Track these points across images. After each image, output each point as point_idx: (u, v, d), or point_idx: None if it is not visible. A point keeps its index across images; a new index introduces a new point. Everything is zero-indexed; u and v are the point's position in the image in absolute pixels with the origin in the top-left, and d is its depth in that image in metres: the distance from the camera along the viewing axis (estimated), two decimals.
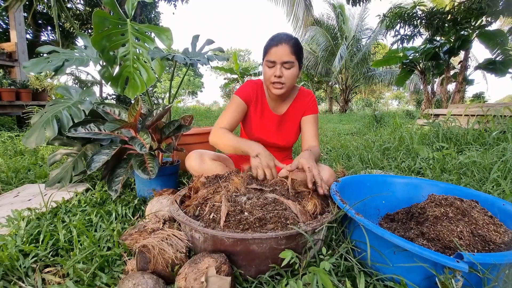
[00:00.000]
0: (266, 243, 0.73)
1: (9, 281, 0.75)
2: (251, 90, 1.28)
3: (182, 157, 1.65)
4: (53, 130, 1.29)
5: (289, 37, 1.13)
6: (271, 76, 1.15)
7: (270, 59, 1.13)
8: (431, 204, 0.91)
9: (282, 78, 1.14)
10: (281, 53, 1.10)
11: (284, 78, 1.14)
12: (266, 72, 1.17)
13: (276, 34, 1.16)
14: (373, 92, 24.38)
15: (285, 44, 1.11)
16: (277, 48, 1.11)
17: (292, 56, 1.12)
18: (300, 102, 1.30)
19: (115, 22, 1.39)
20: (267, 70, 1.16)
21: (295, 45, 1.13)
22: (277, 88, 1.16)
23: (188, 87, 30.02)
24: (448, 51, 5.91)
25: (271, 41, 1.14)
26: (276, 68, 1.12)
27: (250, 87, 1.28)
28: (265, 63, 1.16)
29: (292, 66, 1.14)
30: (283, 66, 1.13)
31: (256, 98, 1.29)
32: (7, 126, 4.15)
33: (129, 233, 0.90)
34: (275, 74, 1.13)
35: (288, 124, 1.32)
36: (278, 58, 1.11)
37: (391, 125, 3.86)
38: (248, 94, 1.27)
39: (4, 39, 6.55)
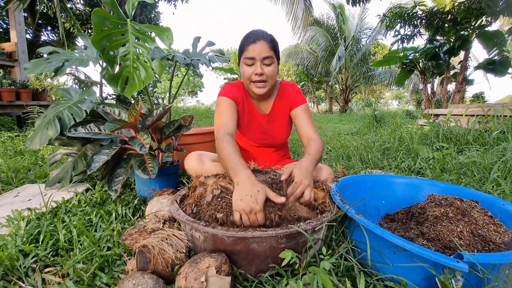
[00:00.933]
0: (266, 242, 0.73)
1: (9, 281, 0.75)
2: (236, 91, 1.21)
3: (182, 157, 1.65)
4: (55, 129, 1.30)
5: (266, 33, 1.11)
6: (252, 75, 1.10)
7: (248, 55, 1.08)
8: (431, 204, 0.91)
9: (263, 75, 1.10)
10: (260, 49, 1.07)
11: (266, 75, 1.11)
12: (245, 71, 1.12)
13: (251, 32, 1.13)
14: (373, 92, 24.38)
15: (263, 40, 1.08)
16: (255, 44, 1.07)
17: (271, 51, 1.09)
18: (283, 97, 1.26)
19: (115, 22, 1.39)
20: (246, 68, 1.11)
21: (272, 41, 1.10)
22: (260, 87, 1.13)
23: (188, 87, 30.02)
24: (448, 51, 5.91)
25: (248, 38, 1.10)
26: (257, 65, 1.09)
27: (234, 89, 1.22)
28: (243, 61, 1.12)
29: (273, 62, 1.11)
30: (263, 62, 1.09)
31: (242, 100, 1.24)
32: (7, 126, 4.16)
33: (129, 233, 0.90)
34: (256, 72, 1.09)
35: (277, 121, 1.29)
36: (257, 54, 1.07)
37: (391, 125, 3.86)
38: (234, 95, 1.20)
39: (4, 39, 6.55)
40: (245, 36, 1.13)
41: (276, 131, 1.31)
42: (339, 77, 14.71)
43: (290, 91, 1.26)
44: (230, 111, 1.15)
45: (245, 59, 1.10)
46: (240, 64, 1.16)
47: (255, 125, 1.29)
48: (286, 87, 1.27)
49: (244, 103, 1.25)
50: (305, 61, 14.50)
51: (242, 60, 1.13)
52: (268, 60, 1.09)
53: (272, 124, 1.30)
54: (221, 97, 1.20)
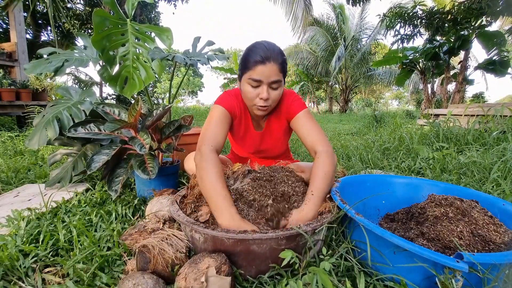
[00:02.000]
0: (266, 244, 0.73)
1: (9, 281, 0.75)
2: (235, 104, 1.10)
3: (182, 157, 1.65)
4: (54, 130, 1.30)
5: (276, 52, 0.97)
6: (256, 98, 1.00)
7: (255, 77, 0.96)
8: (431, 204, 0.91)
9: (268, 100, 1.00)
10: (269, 72, 0.95)
11: (271, 99, 1.00)
12: (249, 92, 1.00)
13: (259, 46, 0.97)
14: (373, 92, 24.39)
15: (274, 63, 0.95)
16: (264, 66, 0.94)
17: (280, 74, 0.98)
18: (279, 109, 1.14)
19: (115, 22, 1.39)
20: (250, 89, 0.99)
21: (283, 62, 0.99)
22: (262, 110, 1.03)
23: (188, 87, 30.01)
24: (448, 51, 5.91)
25: (255, 55, 0.95)
26: (263, 89, 0.97)
27: (233, 101, 1.11)
28: (247, 81, 0.99)
29: (280, 85, 1.00)
30: (271, 86, 0.98)
31: (240, 114, 1.13)
32: (7, 126, 4.15)
33: (129, 233, 0.90)
34: (262, 97, 0.98)
35: (270, 138, 1.22)
36: (265, 77, 0.96)
37: (391, 125, 3.86)
38: (233, 107, 1.09)
39: (4, 39, 6.55)
40: (252, 50, 0.98)
41: (269, 147, 1.25)
42: (339, 77, 14.71)
43: (285, 101, 1.12)
44: (222, 123, 1.04)
45: (249, 80, 0.98)
46: (242, 81, 1.03)
47: (249, 140, 1.22)
48: (283, 98, 1.13)
49: (241, 118, 1.15)
50: (305, 61, 14.50)
51: (245, 79, 1.00)
52: (276, 84, 0.99)
53: (265, 140, 1.22)
54: (217, 106, 1.08)
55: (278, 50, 0.99)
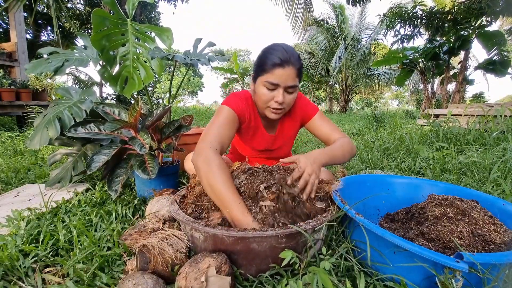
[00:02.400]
0: (266, 242, 0.73)
1: (9, 281, 0.75)
2: (244, 106, 1.08)
3: (182, 157, 1.65)
4: (55, 129, 1.30)
5: (295, 57, 0.97)
6: (271, 101, 0.99)
7: (272, 81, 0.95)
8: (431, 204, 0.91)
9: (283, 104, 1.00)
10: (287, 76, 0.95)
11: (285, 103, 1.00)
12: (264, 94, 0.99)
13: (278, 48, 0.96)
14: (373, 92, 24.40)
15: (292, 67, 0.95)
16: (283, 70, 0.94)
17: (297, 79, 0.99)
18: (292, 112, 1.17)
19: (115, 21, 1.39)
20: (265, 92, 0.99)
21: (300, 68, 0.99)
22: (276, 113, 1.03)
23: (188, 87, 30.02)
24: (448, 51, 5.91)
25: (275, 58, 0.94)
26: (279, 92, 0.97)
27: (242, 103, 1.08)
28: (263, 83, 0.98)
29: (295, 90, 1.01)
30: (287, 91, 0.99)
31: (250, 117, 1.11)
32: (7, 126, 4.15)
33: (129, 233, 0.90)
34: (277, 100, 0.98)
35: (282, 140, 1.23)
36: (282, 82, 0.96)
37: (391, 125, 3.86)
38: (242, 111, 1.07)
39: (4, 39, 6.55)
40: (270, 52, 0.97)
41: (280, 148, 1.26)
42: (339, 77, 14.71)
43: (299, 103, 1.16)
44: (229, 125, 1.01)
45: (266, 82, 0.97)
46: (257, 81, 1.02)
47: (259, 142, 1.21)
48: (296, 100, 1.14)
49: (250, 120, 1.12)
50: (305, 61, 14.50)
51: (262, 81, 0.98)
52: (291, 89, 0.99)
53: (277, 142, 1.24)
54: (225, 107, 1.04)
55: (296, 55, 0.98)
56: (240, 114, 1.06)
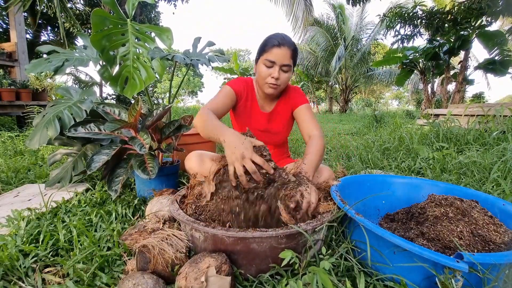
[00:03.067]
0: (266, 242, 0.73)
1: (9, 281, 0.75)
2: (242, 85, 1.28)
3: (182, 157, 1.66)
4: (55, 129, 1.30)
5: (291, 41, 1.15)
6: (268, 77, 1.15)
7: (270, 58, 1.12)
8: (431, 204, 0.91)
9: (278, 80, 1.15)
10: (282, 56, 1.11)
11: (280, 80, 1.16)
12: (262, 71, 1.16)
13: (277, 34, 1.16)
14: (373, 92, 24.40)
15: (287, 47, 1.12)
16: (279, 49, 1.11)
17: (291, 60, 1.15)
18: (287, 98, 1.31)
19: (115, 22, 1.39)
20: (264, 69, 1.16)
21: (295, 51, 1.15)
22: (272, 88, 1.18)
23: (188, 87, 30.01)
24: (448, 51, 5.91)
25: (274, 40, 1.13)
26: (275, 69, 1.13)
27: (242, 83, 1.28)
28: (262, 61, 1.15)
29: (289, 69, 1.16)
30: (282, 68, 1.14)
31: (247, 95, 1.29)
32: (7, 126, 4.16)
33: (129, 233, 0.90)
34: (273, 76, 1.14)
35: (277, 120, 1.33)
36: (278, 59, 1.12)
37: (391, 125, 3.86)
38: (240, 89, 1.26)
39: (4, 39, 6.55)
40: (270, 36, 1.16)
41: (275, 130, 1.34)
42: (339, 77, 14.70)
43: (293, 93, 1.31)
44: (225, 98, 1.20)
45: (265, 60, 1.14)
46: (258, 62, 1.20)
47: (254, 122, 1.32)
48: (290, 90, 1.32)
49: (247, 99, 1.29)
50: (305, 61, 14.49)
51: (261, 60, 1.16)
52: (286, 68, 1.15)
53: (272, 123, 1.33)
54: (225, 86, 1.26)
55: (291, 39, 1.16)
56: (237, 91, 1.24)
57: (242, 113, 1.31)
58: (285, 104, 1.32)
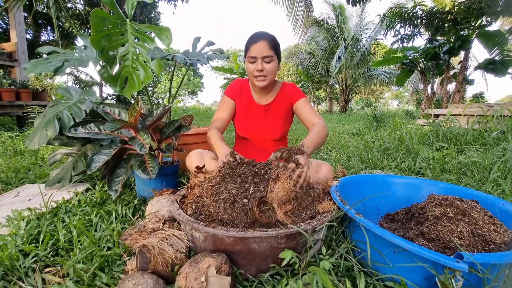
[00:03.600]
0: (266, 242, 0.73)
1: (9, 281, 0.75)
2: (235, 87, 1.41)
3: (182, 157, 1.65)
4: (54, 129, 1.30)
5: (267, 34, 1.25)
6: (254, 71, 1.25)
7: (251, 55, 1.23)
8: (431, 204, 0.91)
9: (263, 71, 1.25)
10: (260, 49, 1.21)
11: (266, 71, 1.25)
12: (248, 67, 1.28)
13: (254, 33, 1.27)
14: (373, 92, 24.38)
15: (263, 41, 1.21)
16: (256, 45, 1.21)
17: (271, 51, 1.23)
18: (284, 94, 1.39)
19: (114, 22, 1.39)
20: (249, 65, 1.27)
21: (273, 41, 1.24)
22: (260, 80, 1.27)
23: (188, 87, 30.01)
24: (448, 51, 5.91)
25: (251, 39, 1.25)
26: (258, 63, 1.23)
27: (235, 84, 1.42)
28: (247, 60, 1.27)
29: (272, 60, 1.24)
30: (264, 60, 1.23)
31: (240, 93, 1.40)
32: (7, 126, 4.15)
33: (129, 233, 0.90)
34: (257, 68, 1.24)
35: (274, 113, 1.39)
36: (258, 53, 1.22)
37: (391, 125, 3.86)
38: (232, 91, 1.40)
39: (4, 39, 6.54)
40: (249, 37, 1.28)
41: (272, 123, 1.39)
42: (339, 77, 14.69)
43: (290, 89, 1.39)
44: (224, 108, 1.38)
45: (248, 58, 1.26)
46: (245, 62, 1.31)
47: (252, 114, 1.40)
48: (287, 86, 1.41)
49: (241, 96, 1.40)
50: (305, 61, 14.49)
51: (246, 59, 1.28)
52: (267, 59, 1.23)
53: (269, 115, 1.40)
54: (223, 95, 1.42)
55: (268, 33, 1.26)
56: (230, 95, 1.40)
57: (240, 109, 1.41)
58: (282, 98, 1.39)
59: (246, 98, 1.40)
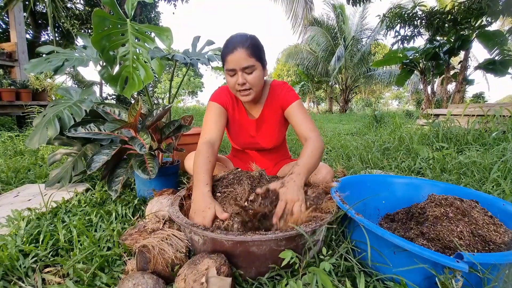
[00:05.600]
0: (266, 245, 0.73)
1: (9, 281, 0.75)
2: (225, 96, 1.22)
3: (182, 157, 1.65)
4: (54, 129, 1.30)
5: (244, 40, 1.04)
6: (235, 85, 1.08)
7: (228, 67, 1.05)
8: (431, 204, 0.91)
9: (246, 84, 1.07)
10: (237, 59, 1.02)
11: (249, 83, 1.07)
12: (229, 81, 1.10)
13: (229, 39, 1.08)
14: (373, 92, 24.38)
15: (240, 49, 1.02)
16: (233, 55, 1.02)
17: (251, 59, 1.03)
18: (273, 99, 1.21)
19: (115, 22, 1.39)
20: (229, 79, 1.09)
21: (251, 47, 1.03)
22: (245, 95, 1.10)
23: (188, 87, 29.99)
24: (448, 51, 5.90)
25: (226, 48, 1.05)
26: (238, 75, 1.05)
27: (225, 93, 1.22)
28: (226, 73, 1.09)
29: (254, 69, 1.06)
30: (244, 72, 1.05)
31: (233, 105, 1.23)
32: (7, 126, 4.15)
33: (129, 233, 0.90)
34: (238, 82, 1.06)
35: (265, 126, 1.25)
36: (236, 65, 1.04)
37: (391, 125, 3.86)
38: (224, 100, 1.21)
39: (4, 39, 6.54)
40: (224, 45, 1.08)
41: (264, 136, 1.26)
42: (339, 77, 14.70)
43: (279, 91, 1.21)
44: (216, 117, 1.16)
45: (227, 71, 1.08)
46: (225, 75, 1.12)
47: (245, 131, 1.26)
48: (276, 88, 1.22)
49: (234, 108, 1.24)
50: (305, 61, 14.50)
51: (225, 72, 1.10)
52: (248, 69, 1.05)
53: (260, 129, 1.26)
54: (210, 102, 1.21)
55: (245, 38, 1.05)
56: (223, 103, 1.20)
57: (232, 123, 1.26)
58: (272, 106, 1.22)
59: (239, 111, 1.25)
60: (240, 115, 1.25)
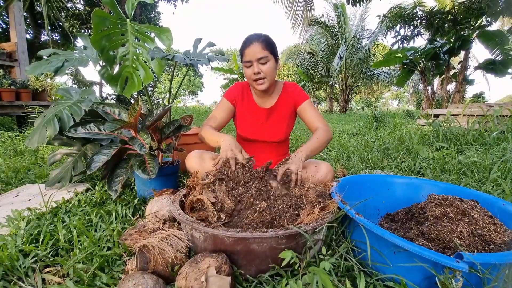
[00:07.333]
0: (266, 242, 0.73)
1: (9, 281, 0.75)
2: (236, 91, 1.38)
3: (182, 157, 1.65)
4: (54, 128, 1.30)
5: (259, 36, 1.22)
6: (251, 74, 1.23)
7: (246, 59, 1.22)
8: (431, 204, 0.91)
9: (261, 73, 1.22)
10: (253, 52, 1.19)
11: (263, 72, 1.22)
12: (246, 73, 1.27)
13: (246, 37, 1.26)
14: (373, 92, 24.37)
15: (255, 43, 1.19)
16: (249, 48, 1.20)
17: (265, 51, 1.20)
18: (287, 95, 1.37)
19: (115, 22, 1.39)
20: (246, 70, 1.26)
21: (265, 41, 1.21)
22: (260, 83, 1.25)
23: (188, 87, 30.00)
24: (448, 51, 5.91)
25: (244, 44, 1.24)
26: (253, 66, 1.21)
27: (235, 88, 1.39)
28: (243, 65, 1.26)
29: (268, 60, 1.21)
30: (259, 62, 1.21)
31: (242, 97, 1.38)
32: (7, 126, 4.15)
33: (129, 233, 0.90)
34: (254, 72, 1.22)
35: (277, 116, 1.38)
36: (252, 56, 1.20)
37: (391, 125, 3.86)
38: (233, 95, 1.37)
39: (4, 39, 6.54)
40: (242, 42, 1.26)
41: (275, 126, 1.37)
42: (339, 77, 14.69)
43: (293, 90, 1.37)
44: (222, 111, 1.36)
45: (244, 63, 1.24)
46: (243, 68, 1.29)
47: (254, 118, 1.38)
48: (289, 87, 1.38)
49: (243, 100, 1.38)
50: (305, 61, 14.50)
51: (242, 64, 1.26)
52: (263, 60, 1.21)
53: (272, 118, 1.38)
54: (223, 97, 1.40)
55: (259, 34, 1.24)
56: (231, 99, 1.37)
57: (241, 113, 1.39)
58: (285, 100, 1.37)
59: (248, 102, 1.38)
60: (250, 105, 1.39)
